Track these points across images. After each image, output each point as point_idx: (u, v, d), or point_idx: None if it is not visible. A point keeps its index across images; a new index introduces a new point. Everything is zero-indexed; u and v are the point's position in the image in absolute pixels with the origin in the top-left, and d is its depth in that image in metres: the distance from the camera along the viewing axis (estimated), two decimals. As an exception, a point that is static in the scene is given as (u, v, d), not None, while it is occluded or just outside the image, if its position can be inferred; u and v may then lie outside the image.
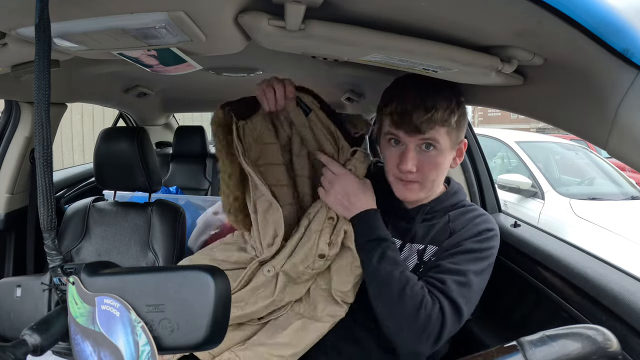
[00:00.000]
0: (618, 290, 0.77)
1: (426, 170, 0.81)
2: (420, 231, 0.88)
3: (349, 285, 0.84)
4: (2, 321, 0.46)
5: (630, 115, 0.51)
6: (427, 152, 0.80)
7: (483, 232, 0.84)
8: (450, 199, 0.90)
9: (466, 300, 0.78)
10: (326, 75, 1.37)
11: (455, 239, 0.84)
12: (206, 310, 0.38)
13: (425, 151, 0.80)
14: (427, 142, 0.80)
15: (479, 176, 1.33)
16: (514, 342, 0.42)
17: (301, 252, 0.82)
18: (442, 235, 0.86)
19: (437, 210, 0.89)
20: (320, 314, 0.84)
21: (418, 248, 0.87)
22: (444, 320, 0.75)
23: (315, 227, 0.84)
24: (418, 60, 0.65)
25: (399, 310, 0.76)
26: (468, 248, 0.82)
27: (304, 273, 0.83)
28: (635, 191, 3.55)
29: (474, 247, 0.82)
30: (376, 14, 0.56)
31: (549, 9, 0.46)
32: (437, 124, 0.78)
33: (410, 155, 0.80)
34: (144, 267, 0.77)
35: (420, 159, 0.81)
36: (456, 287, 0.77)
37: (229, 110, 0.84)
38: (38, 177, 0.42)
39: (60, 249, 0.43)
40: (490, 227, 0.86)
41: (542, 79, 0.68)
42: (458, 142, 0.84)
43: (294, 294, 0.87)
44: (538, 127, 13.08)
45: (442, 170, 0.83)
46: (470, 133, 1.33)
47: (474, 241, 0.82)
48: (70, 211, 1.34)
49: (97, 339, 0.40)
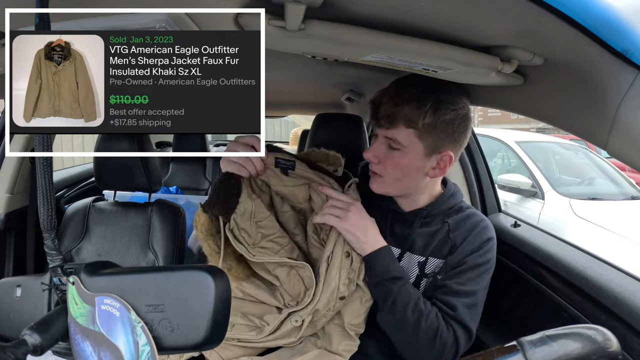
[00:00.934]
0: (618, 290, 0.77)
1: (388, 166, 0.81)
2: (419, 241, 0.87)
3: (361, 319, 0.85)
4: (2, 321, 0.46)
5: (630, 115, 0.51)
6: (392, 150, 0.80)
7: (484, 244, 0.85)
8: (447, 202, 0.89)
9: (475, 320, 0.82)
10: (326, 75, 1.37)
11: (458, 255, 0.84)
12: (206, 310, 0.38)
13: (390, 148, 0.80)
14: (389, 140, 0.79)
15: (479, 176, 1.33)
16: (514, 342, 0.42)
17: (324, 298, 0.80)
18: (443, 247, 0.86)
19: (434, 214, 0.88)
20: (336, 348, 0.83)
21: (419, 260, 0.87)
22: (458, 346, 0.79)
23: (334, 271, 0.80)
24: (418, 60, 0.65)
25: (416, 340, 0.78)
26: (472, 265, 0.83)
27: (325, 315, 0.82)
28: (635, 191, 3.55)
29: (478, 262, 0.83)
30: (376, 14, 0.56)
31: (549, 9, 0.46)
32: (401, 123, 0.76)
33: (375, 145, 0.81)
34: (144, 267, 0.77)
35: (385, 153, 0.80)
36: (467, 311, 0.80)
37: (212, 212, 0.76)
38: (38, 177, 0.42)
39: (60, 249, 0.43)
40: (490, 235, 0.87)
41: (542, 79, 0.68)
42: (438, 151, 0.79)
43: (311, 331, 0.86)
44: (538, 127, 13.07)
45: (407, 172, 0.81)
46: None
47: (477, 255, 0.83)
48: (70, 211, 1.34)
49: (97, 339, 0.40)
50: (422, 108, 0.76)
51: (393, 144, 0.79)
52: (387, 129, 0.78)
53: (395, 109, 0.76)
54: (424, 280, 0.86)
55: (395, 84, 0.81)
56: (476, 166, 1.33)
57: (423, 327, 0.78)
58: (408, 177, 0.82)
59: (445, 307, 0.81)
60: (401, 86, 0.79)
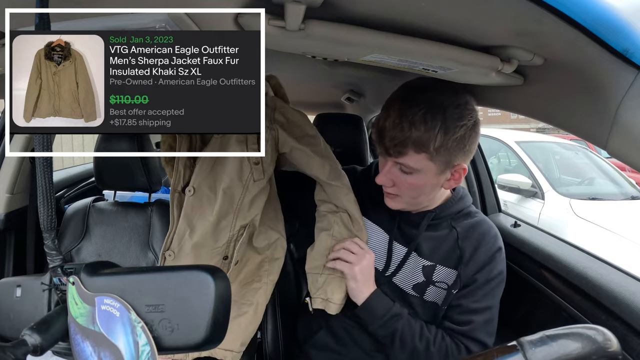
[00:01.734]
0: (618, 290, 0.77)
1: (403, 188, 0.79)
2: (425, 244, 0.87)
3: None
4: (2, 321, 0.46)
5: (630, 115, 0.51)
6: (404, 173, 0.77)
7: (496, 256, 0.85)
8: (455, 205, 0.89)
9: (491, 332, 0.83)
10: (326, 75, 1.37)
11: (470, 269, 0.84)
12: (206, 310, 0.38)
13: (403, 172, 0.77)
14: (401, 166, 0.76)
15: (479, 176, 1.33)
16: (514, 342, 0.42)
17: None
18: (451, 254, 0.86)
19: (442, 216, 0.88)
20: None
21: (424, 264, 0.86)
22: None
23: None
24: (418, 60, 0.65)
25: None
26: (485, 279, 0.83)
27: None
28: (635, 191, 3.55)
29: (491, 276, 0.84)
30: (376, 14, 0.56)
31: (549, 9, 0.46)
32: (410, 150, 0.72)
33: (385, 170, 0.78)
34: (144, 267, 0.77)
35: (398, 176, 0.78)
36: (483, 327, 0.82)
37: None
38: (38, 177, 0.42)
39: (60, 249, 0.43)
40: (500, 245, 0.87)
41: (542, 79, 0.68)
42: (451, 166, 0.77)
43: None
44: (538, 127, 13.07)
45: (423, 191, 0.79)
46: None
47: (490, 269, 0.84)
48: (70, 211, 1.34)
49: (97, 339, 0.40)
50: (431, 131, 0.71)
51: (405, 169, 0.76)
52: (396, 157, 0.75)
53: (403, 136, 0.71)
54: (431, 288, 0.86)
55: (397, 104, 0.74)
56: (476, 166, 1.33)
57: (433, 351, 0.80)
58: (424, 194, 0.81)
59: (462, 326, 0.82)
60: (405, 107, 0.73)
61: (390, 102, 0.76)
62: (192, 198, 0.86)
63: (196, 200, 0.86)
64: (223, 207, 0.84)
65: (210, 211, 0.85)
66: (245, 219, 0.85)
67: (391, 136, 0.72)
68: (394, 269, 0.88)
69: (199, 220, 0.86)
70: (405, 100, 0.74)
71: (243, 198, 0.84)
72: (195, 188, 0.85)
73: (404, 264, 0.87)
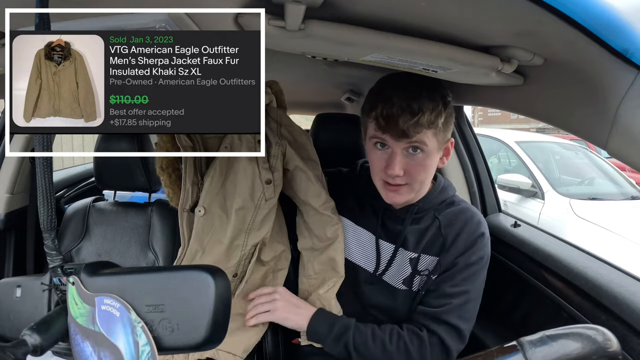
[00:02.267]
0: (618, 290, 0.77)
1: (414, 173, 0.79)
2: (411, 237, 0.87)
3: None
4: (2, 321, 0.46)
5: (630, 115, 0.51)
6: (414, 154, 0.78)
7: (477, 240, 0.85)
8: (438, 196, 0.89)
9: (466, 318, 0.82)
10: (326, 75, 1.36)
11: (451, 254, 0.84)
12: (206, 310, 0.38)
13: (413, 154, 0.78)
14: (414, 145, 0.77)
15: (479, 176, 1.33)
16: (514, 342, 0.42)
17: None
18: (435, 243, 0.86)
19: (426, 208, 0.88)
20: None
21: (411, 256, 0.87)
22: (446, 347, 0.80)
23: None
24: (418, 60, 0.65)
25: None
26: (465, 264, 0.83)
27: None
28: (635, 191, 3.54)
29: (471, 261, 0.83)
30: (376, 14, 0.56)
31: (549, 9, 0.46)
32: (424, 127, 0.75)
33: (398, 159, 0.77)
34: (144, 267, 0.77)
35: (407, 162, 0.78)
36: (456, 309, 0.81)
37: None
38: (38, 177, 0.42)
39: (60, 249, 0.43)
40: (482, 231, 0.86)
41: (542, 79, 0.68)
42: (445, 142, 0.82)
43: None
44: (538, 127, 13.08)
45: (430, 171, 0.81)
46: (470, 133, 1.33)
47: (470, 254, 0.84)
48: (70, 211, 1.34)
49: (97, 339, 0.40)
50: (437, 109, 0.75)
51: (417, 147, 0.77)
52: (410, 138, 0.75)
53: (417, 116, 0.74)
54: (417, 278, 0.87)
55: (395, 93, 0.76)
56: (476, 166, 1.33)
57: (391, 349, 0.80)
58: (429, 176, 0.82)
59: (433, 310, 0.82)
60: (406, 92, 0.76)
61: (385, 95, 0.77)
62: (202, 218, 0.84)
63: (207, 220, 0.84)
64: (236, 228, 0.83)
65: (223, 232, 0.83)
66: (256, 237, 0.85)
67: (404, 119, 0.74)
68: (384, 267, 0.89)
69: (210, 241, 0.85)
70: (402, 88, 0.77)
71: (255, 217, 0.83)
72: (205, 208, 0.84)
73: (393, 261, 0.88)
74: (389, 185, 0.81)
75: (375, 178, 0.84)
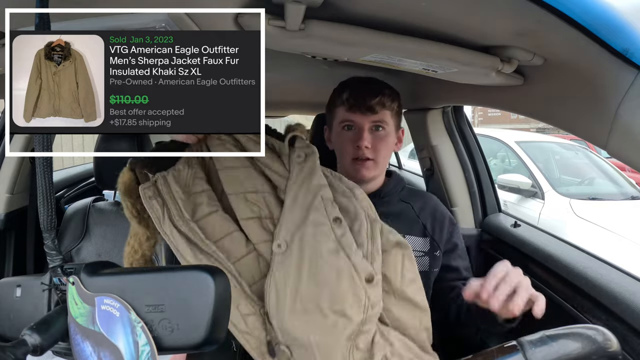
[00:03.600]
0: (618, 290, 0.77)
1: (379, 147, 0.91)
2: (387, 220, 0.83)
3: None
4: (2, 321, 0.46)
5: (630, 115, 0.51)
6: (378, 132, 0.91)
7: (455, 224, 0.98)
8: (396, 183, 0.98)
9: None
10: (326, 75, 1.36)
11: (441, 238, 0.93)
12: (206, 310, 0.38)
13: (376, 131, 0.91)
14: (377, 123, 0.90)
15: (479, 176, 1.33)
16: (514, 342, 0.42)
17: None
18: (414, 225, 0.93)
19: (391, 193, 0.96)
20: None
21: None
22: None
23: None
24: (418, 60, 0.65)
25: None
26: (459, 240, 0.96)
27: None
28: (635, 191, 3.54)
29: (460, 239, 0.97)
30: (376, 14, 0.56)
31: (549, 9, 0.46)
32: (385, 107, 0.90)
33: (366, 134, 0.90)
34: (144, 267, 0.77)
35: (372, 138, 0.90)
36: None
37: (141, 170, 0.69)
38: (38, 177, 0.42)
39: (60, 249, 0.43)
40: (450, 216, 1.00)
41: (542, 79, 0.68)
42: (399, 127, 0.97)
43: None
44: (538, 127, 13.08)
45: (390, 149, 0.95)
46: (470, 133, 1.33)
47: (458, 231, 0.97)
48: (70, 211, 1.34)
49: (97, 339, 0.40)
50: (393, 95, 0.92)
51: (380, 125, 0.91)
52: (375, 114, 0.89)
53: (380, 95, 0.89)
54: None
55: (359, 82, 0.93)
56: (476, 166, 1.33)
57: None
58: (389, 154, 0.96)
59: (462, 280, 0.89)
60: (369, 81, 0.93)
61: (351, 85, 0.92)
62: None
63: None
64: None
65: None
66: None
67: (371, 97, 0.88)
68: None
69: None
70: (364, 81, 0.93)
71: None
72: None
73: None
74: (357, 161, 0.91)
75: (345, 159, 0.92)
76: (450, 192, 1.30)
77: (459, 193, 1.30)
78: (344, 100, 0.90)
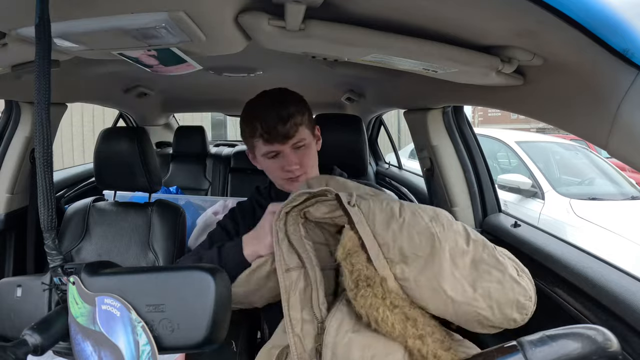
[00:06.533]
0: (618, 290, 0.77)
1: (304, 161, 0.95)
2: None
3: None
4: (3, 321, 0.46)
5: (630, 115, 0.51)
6: (300, 150, 0.94)
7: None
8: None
9: None
10: (326, 75, 1.37)
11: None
12: (206, 310, 0.38)
13: (298, 150, 0.94)
14: (297, 144, 0.93)
15: (479, 176, 1.33)
16: (514, 342, 0.42)
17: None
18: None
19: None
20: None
21: None
22: None
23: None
24: (418, 60, 0.65)
25: None
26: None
27: None
28: (635, 191, 3.54)
29: None
30: (376, 14, 0.56)
31: (549, 9, 0.46)
32: (298, 125, 0.92)
33: (291, 157, 0.93)
34: (144, 267, 0.77)
35: (297, 156, 0.94)
36: None
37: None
38: (38, 177, 0.42)
39: (60, 249, 0.43)
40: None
41: (542, 79, 0.68)
42: (314, 130, 1.00)
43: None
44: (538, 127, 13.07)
45: (315, 154, 0.99)
46: (470, 133, 1.33)
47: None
48: (70, 211, 1.34)
49: (98, 339, 0.40)
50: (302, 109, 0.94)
51: (300, 144, 0.93)
52: (292, 138, 0.91)
53: (291, 120, 0.90)
54: None
55: (264, 110, 0.92)
56: (476, 166, 1.33)
57: None
58: (316, 161, 1.00)
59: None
60: (273, 107, 0.91)
61: (259, 116, 0.91)
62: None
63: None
64: None
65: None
66: None
67: (283, 125, 0.90)
68: None
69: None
70: (267, 106, 0.93)
71: None
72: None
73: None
74: (290, 180, 0.95)
75: (277, 180, 0.98)
76: (450, 192, 1.30)
77: (459, 193, 1.30)
78: (259, 134, 0.91)
